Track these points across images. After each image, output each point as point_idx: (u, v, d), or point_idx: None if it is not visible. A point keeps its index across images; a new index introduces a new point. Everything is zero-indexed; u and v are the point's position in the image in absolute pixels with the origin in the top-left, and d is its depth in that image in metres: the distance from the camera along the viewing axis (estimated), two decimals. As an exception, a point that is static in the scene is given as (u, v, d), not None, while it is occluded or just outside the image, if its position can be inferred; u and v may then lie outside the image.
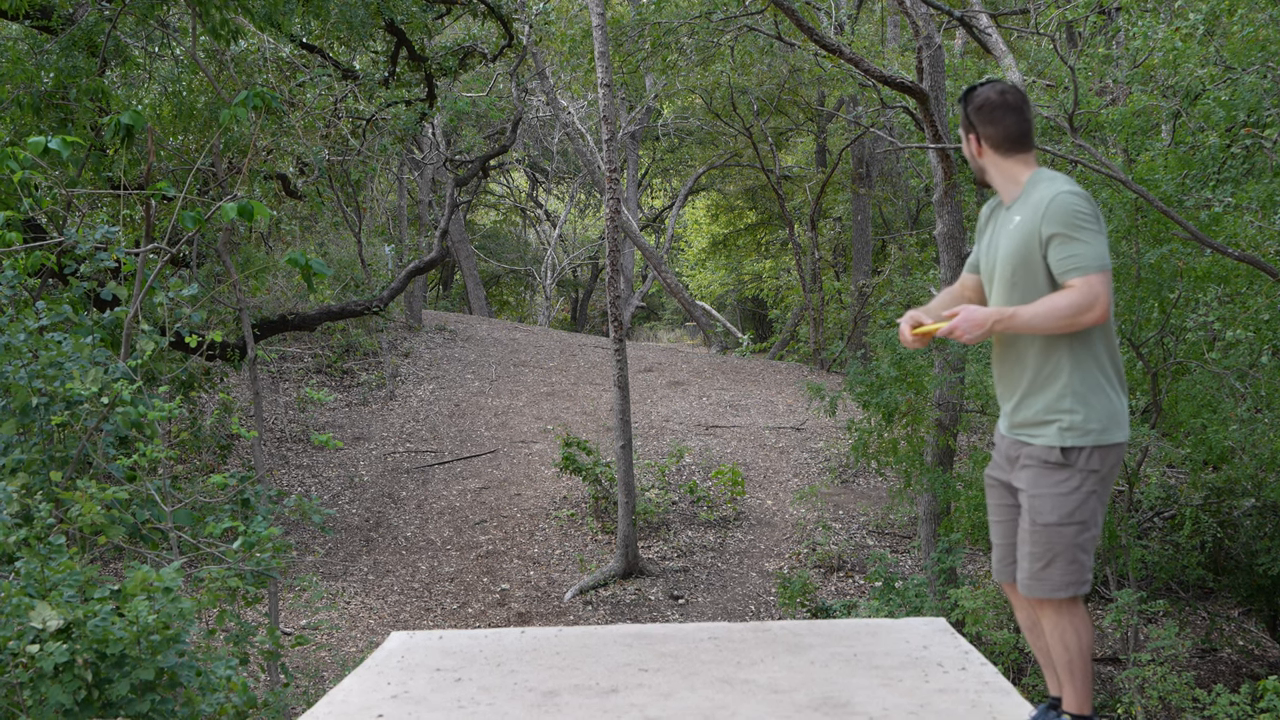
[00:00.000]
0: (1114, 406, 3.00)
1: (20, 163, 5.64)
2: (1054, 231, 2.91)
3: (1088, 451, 2.96)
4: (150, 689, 4.13)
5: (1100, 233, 2.93)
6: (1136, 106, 9.26)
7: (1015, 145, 3.05)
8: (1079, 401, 2.97)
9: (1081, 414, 2.97)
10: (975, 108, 3.07)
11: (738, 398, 15.93)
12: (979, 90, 3.09)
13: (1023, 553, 3.02)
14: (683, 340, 31.72)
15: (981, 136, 3.08)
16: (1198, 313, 8.88)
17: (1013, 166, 3.07)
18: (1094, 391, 2.98)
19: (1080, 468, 2.96)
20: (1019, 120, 3.04)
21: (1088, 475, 2.96)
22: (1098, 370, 3.00)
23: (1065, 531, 2.95)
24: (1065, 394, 2.98)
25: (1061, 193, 2.94)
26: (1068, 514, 2.95)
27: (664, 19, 12.82)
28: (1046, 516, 2.97)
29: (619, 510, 10.79)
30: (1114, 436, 2.99)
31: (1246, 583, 8.96)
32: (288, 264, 5.85)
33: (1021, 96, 3.07)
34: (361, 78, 13.32)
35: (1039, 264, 2.96)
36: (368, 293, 14.95)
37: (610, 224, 10.93)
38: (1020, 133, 3.04)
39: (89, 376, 5.30)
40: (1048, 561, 2.96)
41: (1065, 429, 2.97)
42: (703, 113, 22.18)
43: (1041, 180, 3.02)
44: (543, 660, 3.78)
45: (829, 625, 4.16)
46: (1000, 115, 3.04)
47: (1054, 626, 3.00)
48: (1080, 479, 2.96)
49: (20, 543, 4.59)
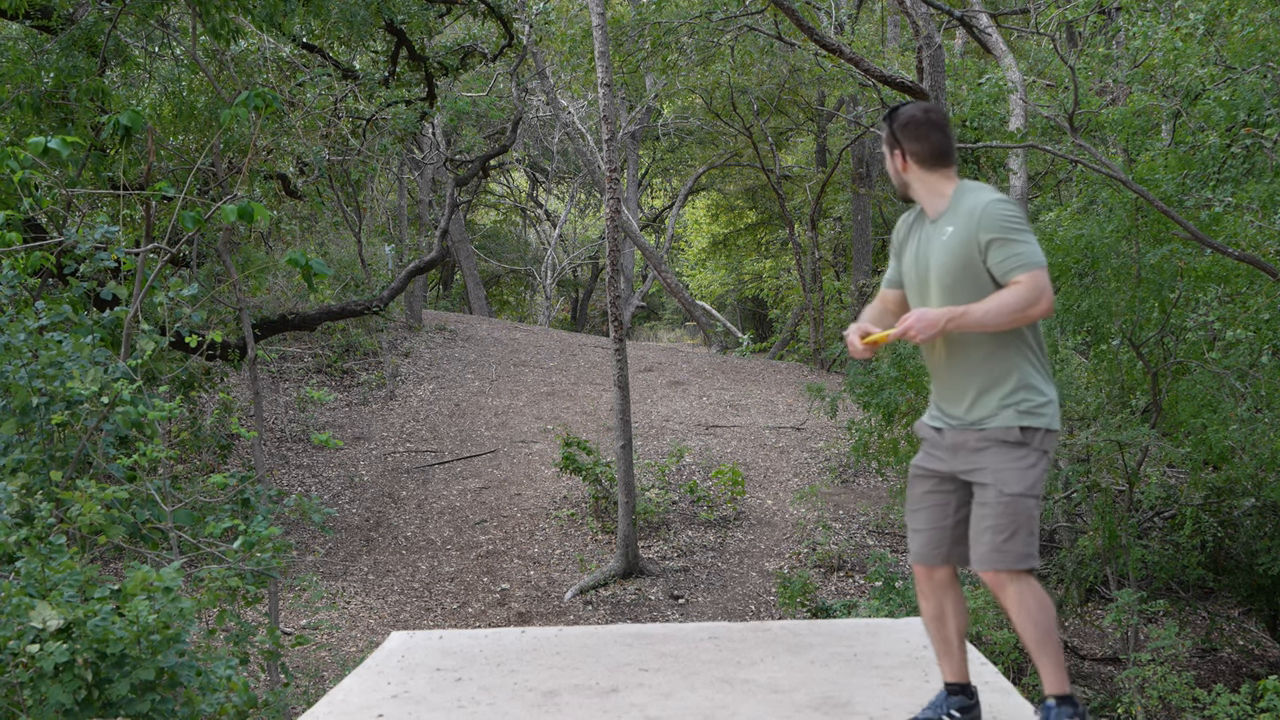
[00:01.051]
0: (1052, 397, 3.23)
1: (20, 163, 5.65)
2: (992, 236, 3.08)
3: (1042, 433, 3.17)
4: (150, 689, 4.13)
5: (1031, 234, 3.13)
6: (1137, 106, 9.27)
7: (939, 160, 3.21)
8: (1032, 391, 3.19)
9: (1035, 400, 3.18)
10: (901, 125, 3.22)
11: (738, 397, 15.94)
12: (903, 109, 3.24)
13: (983, 528, 3.16)
14: (683, 340, 31.72)
15: (907, 152, 3.21)
16: (1198, 312, 8.88)
17: (937, 181, 3.22)
18: (1041, 382, 3.21)
19: (1035, 446, 3.16)
20: (942, 137, 3.20)
21: (1041, 455, 3.17)
22: (1039, 365, 3.22)
23: (1027, 503, 3.13)
24: (1019, 387, 3.19)
25: (991, 201, 3.13)
26: (1029, 486, 3.14)
27: (664, 19, 12.82)
28: (1013, 487, 3.13)
29: (619, 510, 10.78)
30: (1055, 424, 3.22)
31: (1247, 582, 8.96)
32: (288, 264, 5.85)
33: (944, 115, 3.25)
34: (361, 77, 13.32)
35: (980, 269, 3.13)
36: (368, 292, 14.95)
37: (610, 224, 10.93)
38: (944, 149, 3.21)
39: (89, 376, 5.30)
40: (1011, 533, 3.12)
41: (1023, 411, 3.17)
42: (703, 112, 22.18)
43: (968, 191, 3.19)
44: (543, 660, 3.78)
45: (829, 625, 4.16)
46: (925, 132, 3.18)
47: (1018, 603, 3.13)
48: (1036, 457, 3.16)
49: (20, 542, 4.59)
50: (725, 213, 27.92)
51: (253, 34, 11.29)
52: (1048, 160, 12.11)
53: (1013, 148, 10.18)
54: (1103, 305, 8.23)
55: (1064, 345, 9.44)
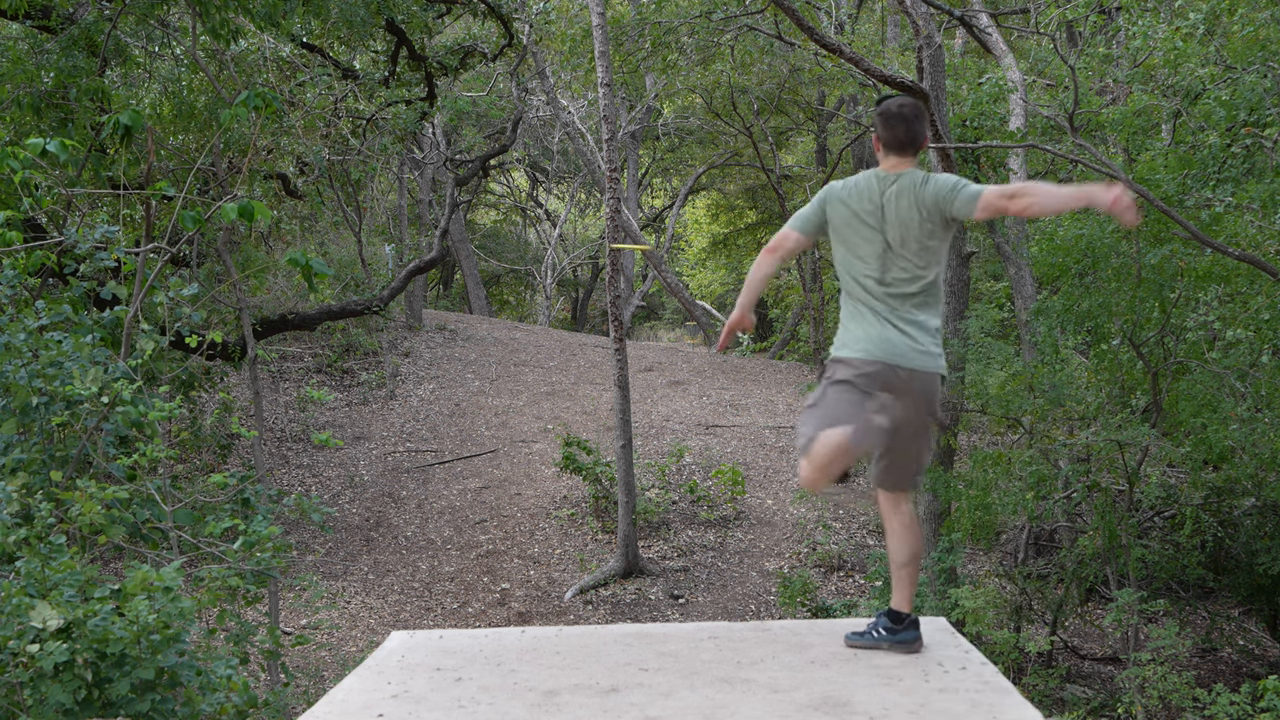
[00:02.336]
0: (848, 335, 3.68)
1: (20, 162, 5.64)
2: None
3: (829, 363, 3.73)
4: (150, 688, 4.13)
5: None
6: (1137, 106, 9.26)
7: (899, 149, 3.65)
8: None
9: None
10: (878, 114, 3.72)
11: (738, 397, 15.93)
12: (885, 100, 3.73)
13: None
14: (683, 340, 31.71)
15: (878, 136, 3.70)
16: (1198, 312, 8.88)
17: (894, 163, 3.66)
18: (840, 327, 3.72)
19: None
20: (906, 130, 3.64)
21: (825, 379, 3.69)
22: (848, 308, 3.70)
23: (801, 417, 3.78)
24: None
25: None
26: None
27: (664, 19, 12.82)
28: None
29: (619, 510, 10.78)
30: (839, 352, 3.68)
31: (1247, 582, 8.95)
32: (288, 264, 5.85)
33: (915, 111, 3.66)
34: (361, 77, 13.32)
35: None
36: (368, 292, 14.95)
37: (610, 223, 10.92)
38: (905, 140, 3.63)
39: (89, 376, 5.30)
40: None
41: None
42: (703, 112, 22.17)
43: (911, 172, 3.66)
44: (543, 660, 3.78)
45: (829, 625, 4.16)
46: (893, 123, 3.64)
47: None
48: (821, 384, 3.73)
49: (20, 542, 4.59)
50: (725, 212, 27.91)
51: (253, 34, 11.28)
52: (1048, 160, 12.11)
53: (1013, 147, 10.18)
54: (1103, 305, 8.22)
55: (1064, 345, 9.44)
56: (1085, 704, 8.13)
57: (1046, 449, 8.59)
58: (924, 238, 3.57)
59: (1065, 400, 8.56)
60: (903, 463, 3.70)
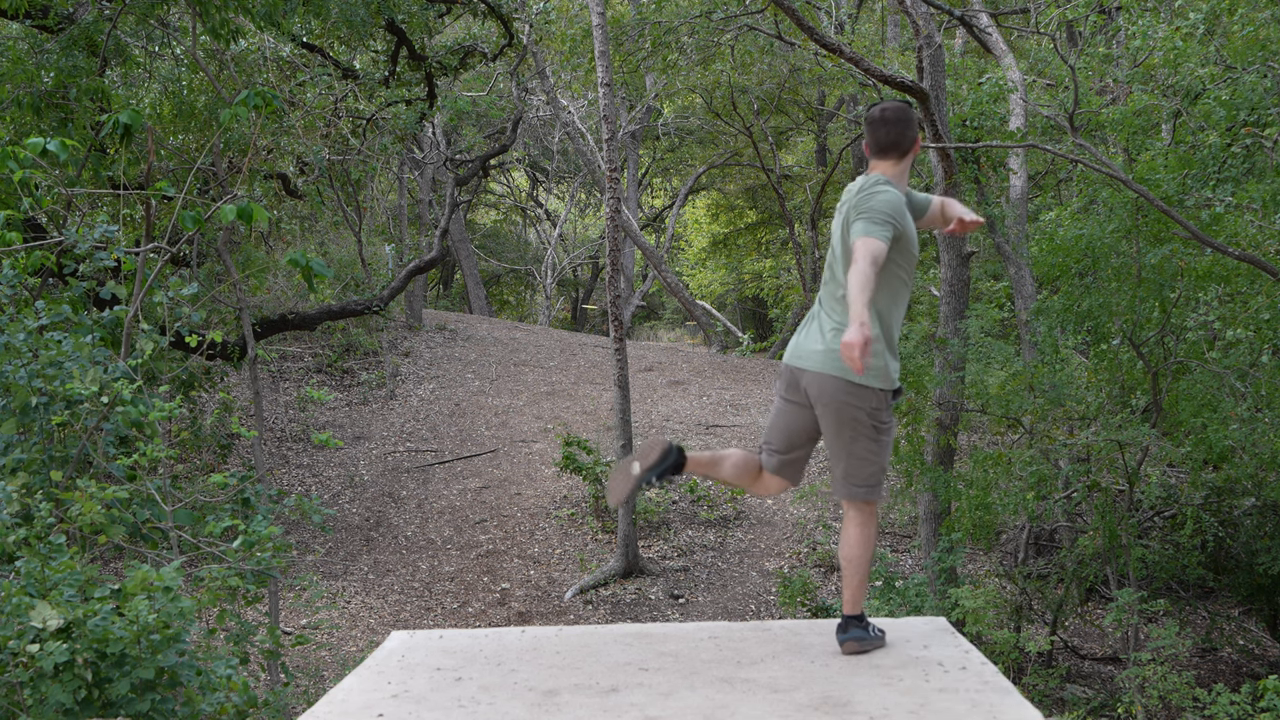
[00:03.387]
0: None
1: (20, 162, 5.64)
2: (861, 211, 3.57)
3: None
4: (150, 688, 4.13)
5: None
6: (1137, 106, 9.26)
7: (881, 152, 3.69)
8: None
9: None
10: (865, 118, 3.78)
11: (738, 397, 15.93)
12: (874, 106, 3.75)
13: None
14: (683, 339, 31.71)
15: (866, 138, 3.76)
16: (1198, 312, 8.88)
17: (876, 166, 3.70)
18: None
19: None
20: (887, 133, 3.66)
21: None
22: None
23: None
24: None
25: (875, 188, 3.64)
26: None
27: (664, 18, 12.82)
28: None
29: (619, 509, 10.79)
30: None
31: (1247, 582, 8.95)
32: (288, 264, 5.85)
33: (900, 115, 3.68)
34: (361, 77, 13.32)
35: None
36: (368, 292, 14.94)
37: (610, 223, 10.93)
38: (888, 143, 3.67)
39: (89, 376, 5.30)
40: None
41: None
42: (703, 112, 22.17)
43: (874, 177, 3.67)
44: (543, 659, 3.78)
45: (829, 624, 4.15)
46: (876, 128, 3.69)
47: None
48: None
49: (20, 542, 4.59)
50: (725, 212, 27.91)
51: (253, 34, 11.29)
52: (1048, 160, 12.11)
53: (1013, 147, 10.18)
54: (1103, 305, 8.22)
55: (1064, 345, 9.44)
56: (1085, 704, 8.13)
57: (1046, 449, 8.59)
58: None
59: (1065, 400, 8.56)
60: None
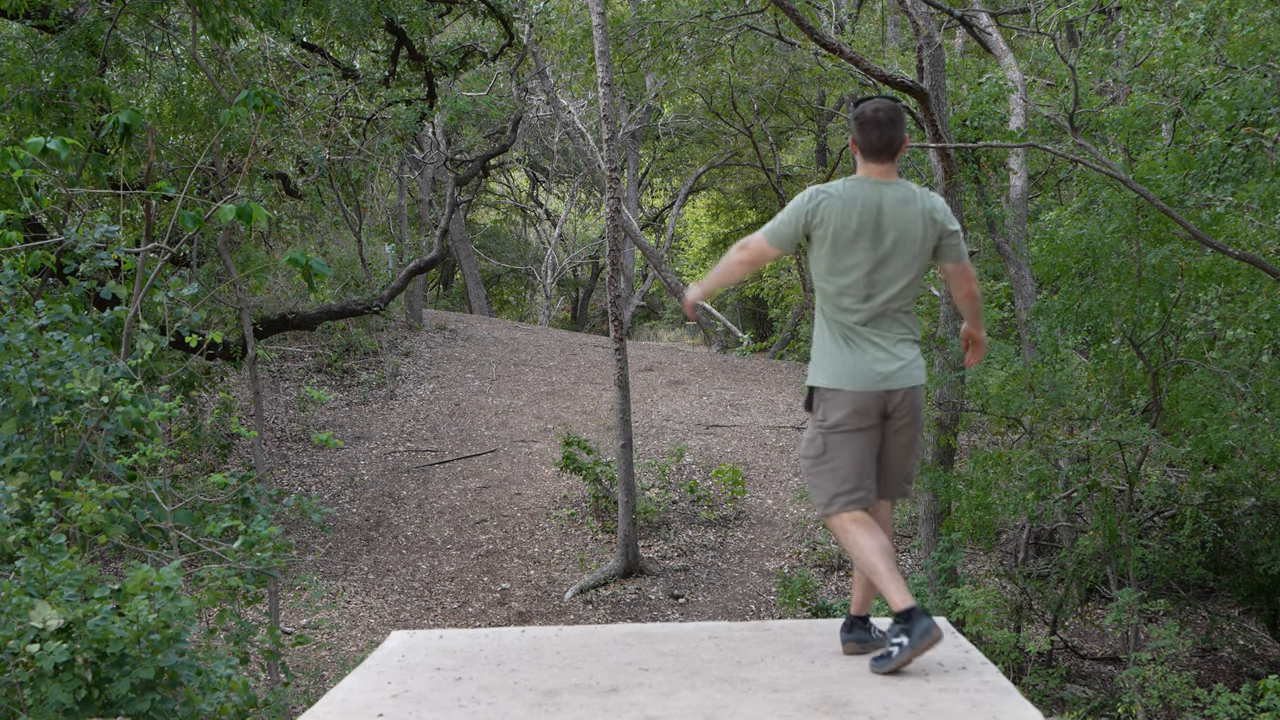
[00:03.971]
0: (822, 353, 3.62)
1: (20, 162, 5.64)
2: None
3: (814, 393, 3.63)
4: (150, 688, 4.13)
5: (782, 213, 3.63)
6: (1137, 106, 9.26)
7: (876, 155, 3.59)
8: (815, 353, 3.68)
9: (813, 362, 3.67)
10: (853, 116, 3.65)
11: (738, 397, 15.93)
12: (864, 102, 3.63)
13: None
14: (683, 339, 31.71)
15: (856, 137, 3.63)
16: (1198, 312, 8.88)
17: (869, 169, 3.61)
18: (818, 337, 3.64)
19: (814, 409, 3.63)
20: (880, 135, 3.56)
21: (817, 421, 3.62)
22: (825, 323, 3.62)
23: (803, 463, 3.72)
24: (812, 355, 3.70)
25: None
26: (803, 449, 3.72)
27: (664, 18, 12.81)
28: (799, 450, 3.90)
29: (619, 509, 10.78)
30: (820, 380, 3.60)
31: (1247, 582, 8.95)
32: (288, 264, 5.85)
33: (891, 116, 3.56)
34: (362, 77, 13.32)
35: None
36: (368, 292, 14.95)
37: (610, 223, 10.92)
38: (882, 146, 3.57)
39: (89, 376, 5.30)
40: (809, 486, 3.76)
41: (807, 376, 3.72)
42: (703, 112, 22.16)
43: (906, 183, 3.65)
44: (543, 659, 3.78)
45: (829, 624, 4.16)
46: (869, 129, 3.57)
47: (840, 539, 3.68)
48: (812, 421, 3.65)
49: (20, 542, 4.59)
50: (725, 212, 27.91)
51: (253, 34, 11.28)
52: (1048, 160, 12.11)
53: (1013, 147, 10.18)
54: (1103, 305, 8.22)
55: (1064, 345, 9.44)
56: (1085, 704, 8.13)
57: (1046, 449, 8.59)
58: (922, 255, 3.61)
59: (1065, 400, 8.56)
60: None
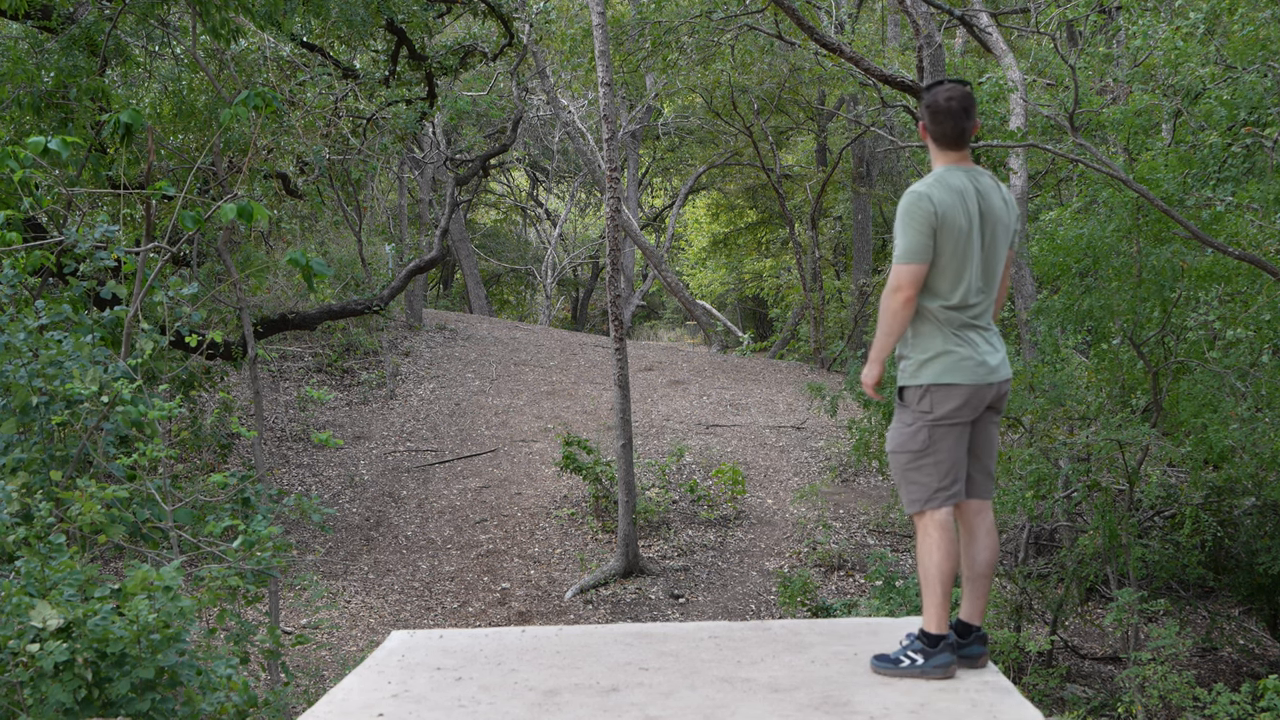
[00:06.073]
0: (934, 354, 3.49)
1: (20, 162, 5.64)
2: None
3: (916, 391, 3.52)
4: (150, 688, 4.13)
5: (906, 230, 3.43)
6: (1137, 106, 9.26)
7: (952, 144, 3.55)
8: (916, 350, 3.53)
9: (915, 359, 3.52)
10: (925, 105, 3.57)
11: (738, 397, 15.93)
12: (935, 89, 3.56)
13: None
14: (683, 339, 31.71)
15: (927, 127, 3.58)
16: (1198, 312, 8.87)
17: (937, 159, 3.57)
18: (928, 341, 3.49)
19: (912, 406, 3.53)
20: (955, 125, 3.51)
21: (919, 415, 3.51)
22: (933, 324, 3.48)
23: (898, 458, 3.60)
24: (906, 351, 3.56)
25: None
26: (899, 444, 3.60)
27: (664, 18, 12.82)
28: (888, 444, 3.65)
29: (619, 509, 10.78)
30: (926, 378, 3.48)
31: (1247, 582, 8.95)
32: (288, 264, 5.85)
33: (963, 103, 3.50)
34: (362, 77, 13.32)
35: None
36: (368, 292, 14.94)
37: (610, 223, 10.92)
38: (956, 134, 3.52)
39: (89, 376, 5.30)
40: (897, 484, 3.65)
41: (902, 373, 3.58)
42: (703, 112, 22.15)
43: (982, 170, 3.60)
44: (543, 659, 3.78)
45: (829, 624, 4.16)
46: (943, 119, 3.52)
47: (918, 541, 3.54)
48: (912, 417, 3.54)
49: (20, 542, 4.59)
50: (725, 212, 27.91)
51: (253, 33, 11.28)
52: (1048, 160, 12.11)
53: (1013, 147, 10.18)
54: (1103, 305, 8.22)
55: (1064, 345, 9.43)
56: (1085, 703, 8.13)
57: (1046, 448, 8.58)
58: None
59: (1065, 400, 8.56)
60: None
